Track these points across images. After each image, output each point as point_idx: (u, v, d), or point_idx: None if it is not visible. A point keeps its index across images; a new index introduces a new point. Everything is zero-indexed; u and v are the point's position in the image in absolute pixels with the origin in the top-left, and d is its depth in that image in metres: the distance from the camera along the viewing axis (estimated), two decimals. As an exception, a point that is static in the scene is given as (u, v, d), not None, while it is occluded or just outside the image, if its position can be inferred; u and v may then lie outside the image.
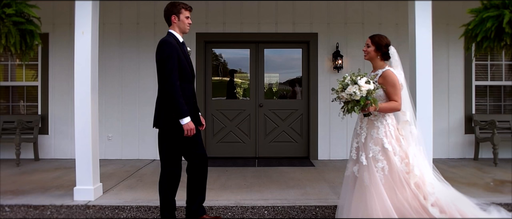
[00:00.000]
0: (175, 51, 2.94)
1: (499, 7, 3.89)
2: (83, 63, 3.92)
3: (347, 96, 2.75)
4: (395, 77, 2.91)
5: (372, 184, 2.75)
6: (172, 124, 2.98)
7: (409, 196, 2.71)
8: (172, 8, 3.12)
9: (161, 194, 3.07)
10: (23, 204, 3.73)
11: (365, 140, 2.91)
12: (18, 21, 3.89)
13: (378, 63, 3.05)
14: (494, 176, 5.03)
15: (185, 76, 3.02)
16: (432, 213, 2.69)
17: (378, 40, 3.02)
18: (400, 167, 2.77)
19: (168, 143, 3.04)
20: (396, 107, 2.89)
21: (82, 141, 3.92)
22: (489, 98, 6.59)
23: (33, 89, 6.53)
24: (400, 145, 2.85)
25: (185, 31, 3.20)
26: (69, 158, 6.31)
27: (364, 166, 2.82)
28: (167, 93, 2.92)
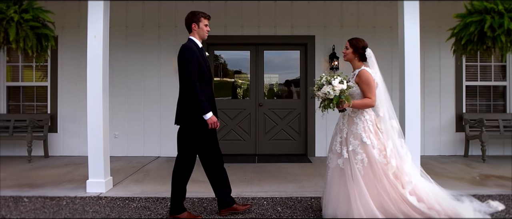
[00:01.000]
0: (195, 55, 3.20)
1: (481, 12, 4.20)
2: (95, 65, 4.21)
3: (323, 95, 3.04)
4: (370, 76, 3.19)
5: (352, 175, 3.04)
6: (193, 122, 3.25)
7: (387, 185, 2.99)
8: (192, 17, 3.39)
9: (174, 183, 3.32)
10: (40, 196, 4.03)
11: (347, 135, 3.20)
12: (34, 25, 4.21)
13: (356, 63, 3.34)
14: (481, 171, 5.31)
15: (204, 78, 3.29)
16: (411, 201, 2.98)
17: (355, 43, 3.31)
18: (379, 159, 3.04)
19: (187, 139, 3.31)
20: (369, 103, 3.17)
21: (94, 137, 4.20)
22: (479, 97, 6.88)
23: (43, 89, 6.82)
24: (379, 138, 3.13)
25: (204, 38, 3.45)
26: (77, 155, 6.61)
27: (345, 159, 3.11)
28: (189, 93, 3.19)
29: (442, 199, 3.07)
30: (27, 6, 4.17)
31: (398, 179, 3.04)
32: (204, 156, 3.41)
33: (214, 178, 3.43)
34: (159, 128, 6.69)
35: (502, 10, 4.05)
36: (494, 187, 4.42)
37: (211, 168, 3.42)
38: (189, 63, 3.16)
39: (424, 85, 6.72)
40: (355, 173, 3.02)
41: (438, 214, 2.97)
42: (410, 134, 4.26)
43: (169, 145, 6.67)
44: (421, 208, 2.97)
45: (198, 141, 3.32)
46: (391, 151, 3.09)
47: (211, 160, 3.41)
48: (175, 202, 3.31)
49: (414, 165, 3.29)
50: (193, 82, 3.15)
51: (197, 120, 3.23)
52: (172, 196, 3.32)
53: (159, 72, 6.70)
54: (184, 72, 3.19)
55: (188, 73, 3.15)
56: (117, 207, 3.69)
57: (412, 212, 2.96)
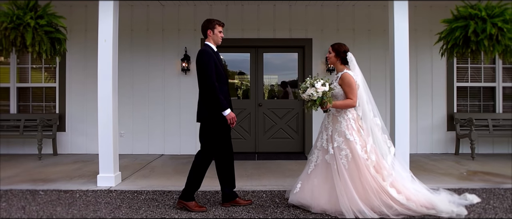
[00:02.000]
0: (212, 58, 3.50)
1: (466, 18, 4.49)
2: (105, 68, 4.51)
3: (307, 96, 3.33)
4: (351, 78, 3.49)
5: (338, 170, 3.33)
6: (212, 119, 3.55)
7: (369, 178, 3.29)
8: (208, 24, 3.70)
9: (194, 174, 3.59)
10: (54, 189, 4.32)
11: (332, 132, 3.50)
12: (48, 30, 4.50)
13: (339, 66, 3.64)
14: (469, 168, 5.60)
15: (221, 79, 3.58)
16: (391, 193, 3.29)
17: (337, 48, 3.61)
18: (361, 154, 3.34)
19: (208, 135, 3.58)
20: (351, 104, 3.47)
21: (105, 135, 4.50)
22: (470, 98, 7.17)
23: (51, 90, 7.11)
24: (360, 135, 3.44)
25: (218, 43, 3.74)
26: (84, 153, 6.90)
27: (331, 154, 3.41)
28: (208, 92, 3.48)
29: (420, 192, 3.39)
30: (42, 12, 4.46)
31: (378, 173, 3.35)
32: (219, 151, 3.69)
33: (223, 173, 3.73)
34: (163, 127, 6.98)
35: (485, 16, 4.34)
36: (479, 182, 4.71)
37: (222, 163, 3.72)
38: (207, 65, 3.45)
39: (417, 86, 7.04)
40: (340, 168, 3.32)
41: (416, 206, 3.28)
42: (399, 132, 4.55)
43: (173, 143, 6.97)
44: (400, 199, 3.27)
45: (217, 137, 3.59)
46: (371, 147, 3.40)
47: (224, 156, 3.71)
48: (188, 191, 3.58)
49: (399, 160, 3.58)
50: (212, 82, 3.45)
51: (216, 117, 3.52)
52: (187, 185, 3.59)
53: (163, 73, 6.99)
54: (203, 73, 3.48)
55: (207, 75, 3.45)
56: (127, 199, 3.98)
57: (392, 203, 3.26)
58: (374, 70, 6.94)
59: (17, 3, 4.44)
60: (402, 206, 3.26)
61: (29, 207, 3.67)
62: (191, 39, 6.97)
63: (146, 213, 3.51)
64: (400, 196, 3.29)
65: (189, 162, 5.59)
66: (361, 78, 3.61)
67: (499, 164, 5.87)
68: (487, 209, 3.60)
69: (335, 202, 3.31)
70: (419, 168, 5.60)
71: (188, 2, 6.79)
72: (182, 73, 6.93)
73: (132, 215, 3.43)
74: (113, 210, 3.59)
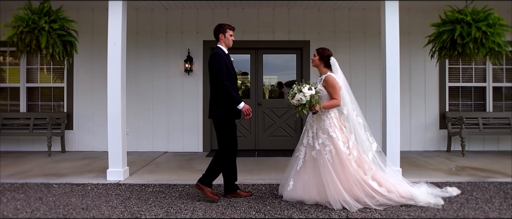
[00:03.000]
0: (223, 60, 3.78)
1: (453, 22, 4.78)
2: (114, 69, 4.80)
3: (296, 101, 3.61)
4: (334, 80, 3.78)
5: (324, 164, 3.63)
6: (224, 115, 3.83)
7: (352, 171, 3.59)
8: (220, 29, 3.98)
9: (215, 166, 3.87)
10: (67, 183, 4.62)
11: (316, 130, 3.79)
12: (61, 33, 4.79)
13: (322, 69, 3.93)
14: (458, 164, 5.89)
15: (231, 79, 3.86)
16: (373, 185, 3.60)
17: (321, 52, 3.91)
18: (343, 149, 3.64)
19: (222, 129, 3.85)
20: (336, 103, 3.77)
21: (114, 132, 4.79)
22: (461, 97, 7.47)
23: (59, 90, 7.41)
24: (342, 132, 3.74)
25: (229, 46, 4.03)
26: (91, 150, 7.20)
27: (317, 150, 3.70)
28: (221, 90, 3.77)
29: (401, 185, 3.70)
30: (55, 17, 4.76)
31: (360, 167, 3.65)
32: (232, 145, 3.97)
33: (227, 167, 4.00)
34: (166, 126, 7.28)
35: (470, 21, 4.63)
36: (466, 176, 5.00)
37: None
38: (219, 66, 3.74)
39: (410, 86, 7.33)
40: (325, 162, 3.62)
41: (397, 196, 3.59)
42: (391, 130, 4.85)
43: (176, 141, 7.27)
44: (382, 191, 3.59)
45: (229, 130, 3.88)
46: (353, 143, 3.70)
47: (234, 148, 3.98)
48: (208, 178, 3.87)
49: (388, 156, 3.87)
50: (224, 82, 3.73)
51: (226, 114, 3.82)
52: (207, 173, 3.88)
53: (167, 74, 7.29)
54: (216, 74, 3.75)
55: (220, 75, 3.74)
56: (136, 191, 4.27)
57: (374, 194, 3.57)
58: (370, 70, 7.23)
59: (32, 8, 4.74)
60: (383, 197, 3.58)
61: (46, 198, 3.96)
62: (193, 41, 7.27)
63: (155, 203, 3.80)
64: (381, 189, 3.60)
65: (192, 159, 5.96)
66: (343, 80, 3.90)
67: (487, 160, 6.16)
68: (470, 200, 3.89)
69: (324, 194, 3.61)
70: (412, 164, 5.89)
71: (191, 6, 7.08)
72: (185, 73, 7.22)
73: (141, 206, 3.72)
74: (123, 201, 3.88)
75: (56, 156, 6.65)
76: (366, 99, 7.24)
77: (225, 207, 3.68)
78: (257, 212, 3.53)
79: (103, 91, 7.09)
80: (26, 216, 3.38)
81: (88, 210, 3.57)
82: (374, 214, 3.41)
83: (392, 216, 3.35)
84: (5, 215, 3.40)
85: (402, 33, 6.97)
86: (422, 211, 3.49)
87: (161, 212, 3.51)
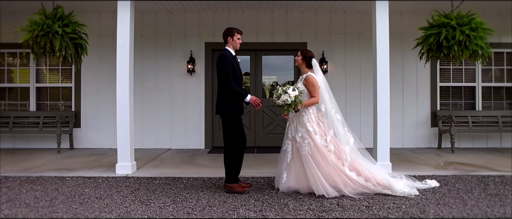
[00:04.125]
0: (230, 61, 4.10)
1: (440, 26, 5.12)
2: (123, 70, 5.13)
3: (282, 102, 3.94)
4: (314, 79, 4.12)
5: (305, 155, 3.98)
6: (232, 111, 4.14)
7: (331, 162, 3.94)
8: (228, 32, 4.29)
9: (229, 162, 4.15)
10: (79, 176, 4.95)
11: (296, 124, 4.14)
12: (73, 37, 5.12)
13: (304, 69, 4.28)
14: (447, 159, 6.22)
15: (237, 79, 4.17)
16: (351, 175, 3.95)
17: (305, 53, 4.25)
18: (321, 142, 3.99)
19: (229, 125, 4.15)
20: (315, 101, 4.12)
21: (122, 128, 5.12)
22: (452, 97, 7.80)
23: (67, 90, 7.74)
24: (320, 127, 4.08)
25: (236, 48, 4.34)
26: (98, 147, 7.54)
27: (298, 142, 4.06)
28: (228, 88, 4.08)
29: (379, 175, 4.04)
30: (67, 21, 5.10)
31: (339, 159, 4.00)
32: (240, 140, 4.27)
33: (238, 158, 4.28)
34: (170, 124, 7.62)
35: (455, 25, 4.96)
36: (452, 170, 5.33)
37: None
38: (226, 67, 4.07)
39: (403, 86, 7.67)
40: (306, 154, 3.97)
41: (373, 185, 3.95)
42: (381, 127, 5.18)
43: (179, 138, 7.60)
44: (359, 181, 3.94)
45: (237, 126, 4.19)
46: (331, 138, 4.05)
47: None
48: (230, 175, 4.16)
49: (363, 149, 4.22)
50: (230, 82, 4.05)
51: (234, 110, 4.14)
52: (227, 171, 4.18)
53: (170, 74, 7.62)
54: (223, 73, 4.07)
55: (226, 74, 4.07)
56: (144, 183, 4.61)
57: (351, 183, 3.93)
58: (364, 71, 7.56)
59: (46, 13, 5.07)
60: (361, 185, 3.93)
61: (61, 189, 4.30)
62: (196, 43, 7.60)
63: (162, 193, 4.14)
64: (359, 178, 3.95)
65: (195, 155, 6.33)
66: (323, 80, 4.25)
67: (474, 156, 6.49)
68: (452, 190, 4.23)
69: (307, 183, 4.00)
70: (403, 159, 6.23)
71: (193, 9, 7.42)
72: (188, 74, 7.56)
73: (150, 195, 4.06)
74: (133, 191, 4.21)
75: (65, 152, 6.99)
76: (361, 99, 7.58)
77: (227, 197, 4.02)
78: (256, 200, 3.86)
79: (109, 91, 7.47)
80: (46, 204, 3.71)
81: (101, 199, 3.91)
82: (362, 202, 3.75)
83: (379, 203, 3.69)
84: (27, 203, 3.74)
85: (395, 35, 7.37)
86: (406, 200, 3.82)
87: (168, 201, 3.84)
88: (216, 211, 3.53)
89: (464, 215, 3.38)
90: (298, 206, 3.67)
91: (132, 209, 3.57)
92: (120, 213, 3.43)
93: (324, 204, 3.70)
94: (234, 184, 4.16)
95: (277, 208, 3.60)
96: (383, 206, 3.65)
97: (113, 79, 7.37)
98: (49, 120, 7.41)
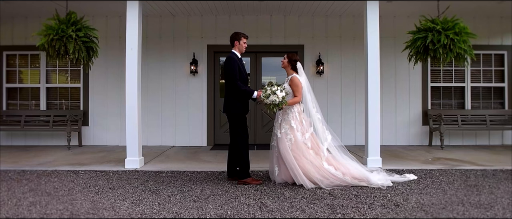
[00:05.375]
0: (236, 63, 4.50)
1: (426, 30, 5.49)
2: (132, 71, 5.51)
3: (270, 102, 4.31)
4: (298, 80, 4.51)
5: (285, 149, 4.37)
6: (238, 110, 4.53)
7: (310, 158, 4.33)
8: (235, 36, 4.68)
9: (243, 155, 4.55)
10: (91, 170, 5.33)
11: (281, 121, 4.53)
12: (85, 40, 5.50)
13: (289, 71, 4.68)
14: (435, 155, 6.60)
15: (243, 79, 4.56)
16: (329, 170, 4.33)
17: (290, 57, 4.67)
18: (301, 139, 4.38)
19: (237, 122, 4.55)
20: (297, 100, 4.51)
21: (131, 125, 5.51)
22: (442, 96, 8.18)
23: (76, 90, 8.13)
24: (302, 125, 4.46)
25: (242, 51, 4.73)
26: (105, 145, 7.91)
27: (279, 138, 4.45)
28: (235, 88, 4.47)
29: (355, 170, 4.43)
30: (80, 26, 5.47)
31: (318, 155, 4.40)
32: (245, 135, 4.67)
33: (233, 155, 4.70)
34: (173, 122, 8.00)
35: (440, 29, 5.34)
36: (439, 165, 5.71)
37: (235, 147, 4.66)
38: (233, 69, 4.46)
39: (396, 86, 8.05)
40: (287, 149, 4.36)
41: (351, 178, 4.33)
42: (372, 125, 5.56)
43: (182, 136, 7.99)
44: (337, 174, 4.32)
45: (242, 122, 4.59)
46: (311, 135, 4.44)
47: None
48: (241, 171, 4.57)
49: (342, 147, 4.62)
50: (237, 82, 4.44)
51: (240, 108, 4.52)
52: (239, 167, 4.60)
53: (174, 75, 8.01)
54: (231, 75, 4.46)
55: (234, 75, 4.47)
56: (152, 176, 4.99)
57: (329, 176, 4.31)
58: (359, 72, 7.93)
59: (60, 18, 5.45)
60: (338, 179, 4.32)
61: (77, 181, 4.68)
62: (198, 45, 7.99)
63: (169, 184, 4.52)
64: (337, 172, 4.34)
65: (197, 152, 6.74)
66: (306, 82, 4.63)
67: (462, 153, 6.87)
68: (435, 182, 4.61)
69: (289, 175, 4.43)
70: (394, 155, 6.61)
71: (196, 13, 7.80)
72: (191, 75, 7.94)
73: (158, 186, 4.44)
74: (142, 183, 4.60)
75: (75, 149, 7.37)
76: (355, 98, 7.95)
77: (229, 187, 4.40)
78: (255, 190, 4.25)
79: (115, 91, 7.86)
80: (65, 193, 4.09)
81: (114, 189, 4.29)
82: (352, 192, 4.13)
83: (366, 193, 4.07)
84: (48, 192, 4.12)
85: (388, 38, 7.76)
86: (391, 189, 4.21)
87: (175, 191, 4.23)
88: (219, 199, 3.91)
89: (443, 202, 3.76)
90: (293, 195, 4.05)
91: (143, 197, 3.95)
92: (133, 200, 3.82)
93: (317, 193, 4.09)
94: (247, 178, 4.56)
95: (274, 197, 3.98)
96: (370, 195, 4.03)
97: (119, 79, 7.78)
98: (58, 118, 7.79)
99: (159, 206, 3.65)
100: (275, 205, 3.67)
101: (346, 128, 7.94)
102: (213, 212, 3.46)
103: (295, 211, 3.51)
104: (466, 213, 3.42)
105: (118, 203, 3.73)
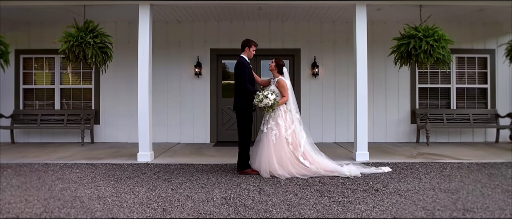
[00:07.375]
0: (246, 67, 5.10)
1: (409, 37, 6.09)
2: (143, 73, 6.11)
3: (264, 105, 4.87)
4: (284, 82, 5.11)
5: (267, 143, 4.97)
6: (246, 109, 5.14)
7: (288, 152, 4.94)
8: (247, 43, 5.29)
9: (241, 151, 5.19)
10: (107, 163, 5.92)
11: (268, 118, 5.11)
12: (101, 46, 6.09)
13: (275, 74, 5.25)
14: (420, 151, 7.19)
15: (251, 81, 5.17)
16: (304, 163, 4.95)
17: (278, 61, 5.24)
18: (284, 135, 4.98)
19: (244, 121, 5.16)
20: (286, 100, 5.11)
21: (143, 122, 6.10)
22: (429, 97, 8.77)
23: (88, 91, 8.72)
24: (286, 122, 5.05)
25: (250, 57, 5.33)
26: (116, 142, 8.50)
27: (264, 133, 5.06)
28: (244, 90, 5.06)
29: (327, 164, 5.06)
30: (96, 33, 6.07)
31: (296, 150, 5.00)
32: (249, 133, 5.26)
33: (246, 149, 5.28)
34: (179, 121, 8.59)
35: (421, 36, 5.94)
36: (421, 159, 6.29)
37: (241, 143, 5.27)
38: (243, 72, 5.06)
39: (386, 88, 8.64)
40: (269, 142, 4.96)
41: (323, 170, 4.95)
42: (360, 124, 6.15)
43: (187, 133, 8.57)
44: (311, 167, 4.94)
45: (249, 122, 5.20)
46: (292, 132, 5.04)
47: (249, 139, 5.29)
48: (241, 162, 5.18)
49: (314, 145, 5.24)
50: (246, 84, 5.04)
51: (248, 108, 5.12)
52: (239, 160, 5.20)
53: (179, 77, 8.60)
54: (240, 77, 5.05)
55: (243, 78, 5.07)
56: (162, 168, 5.58)
57: (303, 170, 4.91)
58: (351, 74, 8.48)
59: (78, 26, 6.05)
60: (311, 171, 4.94)
61: (96, 171, 5.27)
62: (202, 49, 8.58)
63: (179, 174, 5.11)
64: (311, 166, 4.97)
65: (202, 148, 7.37)
66: (289, 85, 5.21)
67: (446, 149, 7.46)
68: (414, 172, 5.20)
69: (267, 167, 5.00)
70: (382, 151, 7.19)
71: (199, 19, 8.39)
72: (195, 77, 8.54)
73: (169, 176, 5.03)
74: (155, 173, 5.19)
75: (88, 146, 7.96)
76: (348, 98, 8.53)
77: (231, 176, 5.00)
78: (255, 179, 4.85)
79: (125, 92, 8.46)
80: (88, 181, 4.69)
81: (131, 178, 4.88)
82: (339, 179, 4.73)
83: (352, 181, 4.66)
84: (74, 180, 4.72)
85: (379, 42, 8.35)
86: (373, 178, 4.80)
87: (185, 179, 4.82)
88: (224, 185, 4.51)
89: (417, 188, 4.35)
90: (288, 182, 4.64)
91: (158, 184, 4.54)
92: (150, 187, 4.41)
93: (309, 181, 4.68)
94: (247, 169, 5.15)
95: (271, 184, 4.58)
96: (355, 182, 4.62)
97: (128, 81, 8.37)
98: (72, 117, 8.38)
99: (172, 191, 4.25)
100: (272, 190, 4.27)
101: (339, 126, 8.53)
102: (219, 195, 4.06)
103: (288, 194, 4.10)
104: (435, 196, 4.01)
105: (136, 189, 4.32)
